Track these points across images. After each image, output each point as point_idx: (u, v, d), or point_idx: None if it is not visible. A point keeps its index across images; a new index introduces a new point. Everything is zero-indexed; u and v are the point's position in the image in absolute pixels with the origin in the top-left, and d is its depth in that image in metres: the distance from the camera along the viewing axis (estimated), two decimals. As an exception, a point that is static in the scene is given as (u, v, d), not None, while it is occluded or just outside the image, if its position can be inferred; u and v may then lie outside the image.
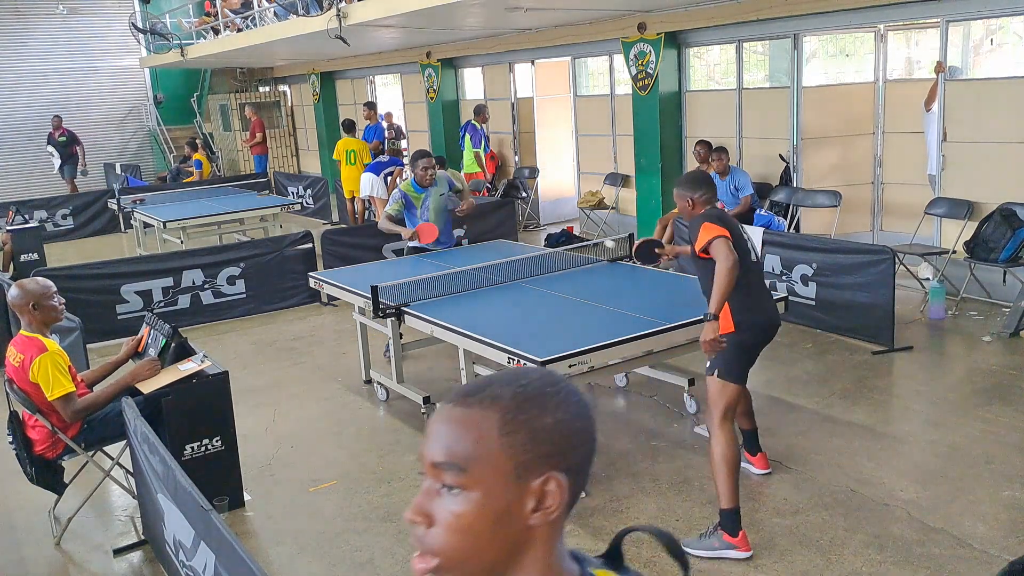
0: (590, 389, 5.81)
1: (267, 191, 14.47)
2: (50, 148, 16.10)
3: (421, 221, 6.45)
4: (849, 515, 4.05)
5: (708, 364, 3.92)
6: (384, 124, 12.21)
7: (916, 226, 7.77)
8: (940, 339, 6.58)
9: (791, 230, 8.51)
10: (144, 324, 4.81)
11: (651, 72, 9.80)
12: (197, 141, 17.46)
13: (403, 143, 15.65)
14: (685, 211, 4.06)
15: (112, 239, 13.85)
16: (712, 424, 3.91)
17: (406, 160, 11.29)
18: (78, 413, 4.09)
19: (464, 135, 12.26)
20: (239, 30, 13.99)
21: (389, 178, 10.72)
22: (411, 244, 6.62)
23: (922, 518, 3.99)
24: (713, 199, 4.04)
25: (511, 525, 1.10)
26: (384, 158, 10.99)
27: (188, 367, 4.33)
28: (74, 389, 4.06)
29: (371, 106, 12.87)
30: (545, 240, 10.32)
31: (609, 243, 5.50)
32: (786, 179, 8.95)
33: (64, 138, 16.01)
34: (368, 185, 10.66)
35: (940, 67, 7.46)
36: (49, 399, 4.01)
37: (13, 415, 4.17)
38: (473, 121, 12.07)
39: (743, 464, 4.40)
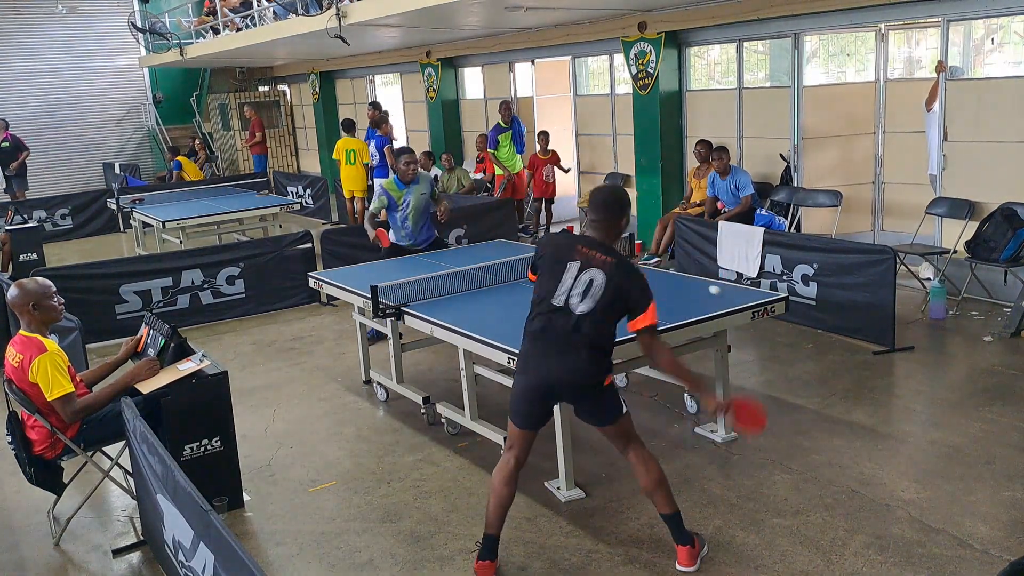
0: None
1: (266, 191, 14.46)
2: None
3: (400, 219, 6.80)
4: (850, 516, 4.04)
5: None
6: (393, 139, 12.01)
7: (917, 226, 7.77)
8: (941, 339, 6.58)
9: (792, 230, 8.51)
10: (143, 324, 4.81)
11: (651, 71, 9.79)
12: (196, 143, 17.45)
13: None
14: None
15: (111, 239, 13.84)
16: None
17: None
18: (77, 413, 4.08)
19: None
20: (238, 29, 13.98)
21: (385, 148, 11.24)
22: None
23: (923, 518, 3.98)
24: (602, 224, 3.60)
25: None
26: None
27: (187, 367, 4.33)
28: (73, 389, 4.05)
29: (376, 106, 12.82)
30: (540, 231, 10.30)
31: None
32: (787, 179, 8.95)
33: (7, 143, 14.51)
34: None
35: (941, 67, 7.46)
36: (48, 399, 4.00)
37: (12, 415, 4.16)
38: (500, 121, 11.58)
39: None
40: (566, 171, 11.64)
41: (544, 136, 11.32)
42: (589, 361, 3.53)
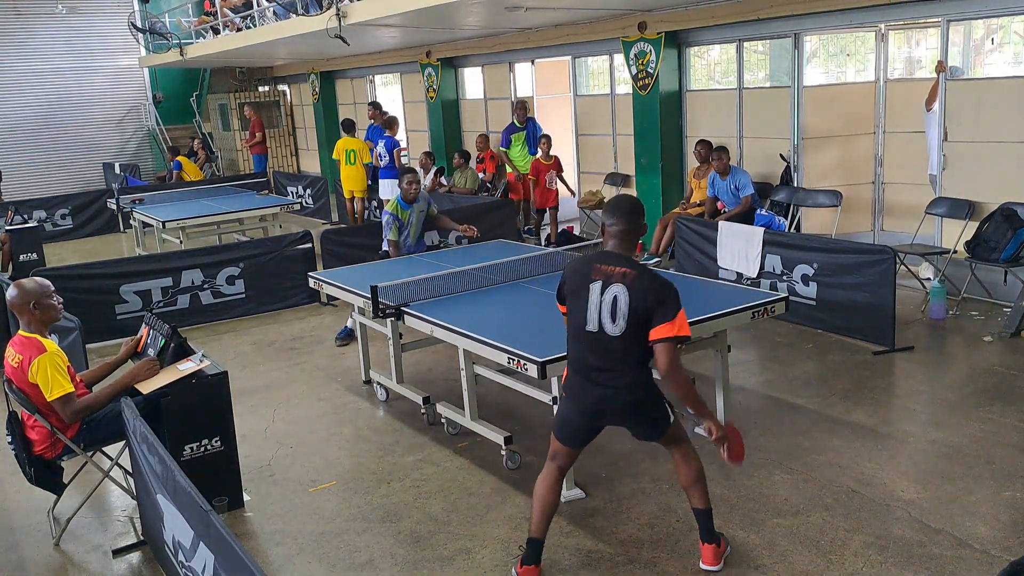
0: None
1: (266, 191, 14.46)
2: None
3: (403, 237, 6.97)
4: (850, 516, 4.04)
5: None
6: (398, 139, 12.07)
7: (917, 226, 7.77)
8: (941, 339, 6.58)
9: (792, 230, 8.50)
10: (143, 324, 4.81)
11: (651, 71, 9.79)
12: (196, 143, 17.45)
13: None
14: None
15: (111, 239, 13.84)
16: None
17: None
18: (77, 414, 4.08)
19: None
20: (238, 30, 13.97)
21: (395, 150, 11.41)
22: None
23: (923, 519, 3.98)
24: (622, 234, 3.46)
25: None
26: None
27: (187, 367, 4.33)
28: (73, 390, 4.05)
29: (376, 106, 12.80)
30: (545, 240, 10.31)
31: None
32: (787, 179, 8.95)
33: None
34: (390, 191, 11.11)
35: (941, 67, 7.46)
36: (48, 400, 4.00)
37: (12, 415, 4.16)
38: (515, 120, 11.44)
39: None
40: (572, 192, 11.46)
41: (546, 140, 10.79)
42: (635, 381, 3.50)
